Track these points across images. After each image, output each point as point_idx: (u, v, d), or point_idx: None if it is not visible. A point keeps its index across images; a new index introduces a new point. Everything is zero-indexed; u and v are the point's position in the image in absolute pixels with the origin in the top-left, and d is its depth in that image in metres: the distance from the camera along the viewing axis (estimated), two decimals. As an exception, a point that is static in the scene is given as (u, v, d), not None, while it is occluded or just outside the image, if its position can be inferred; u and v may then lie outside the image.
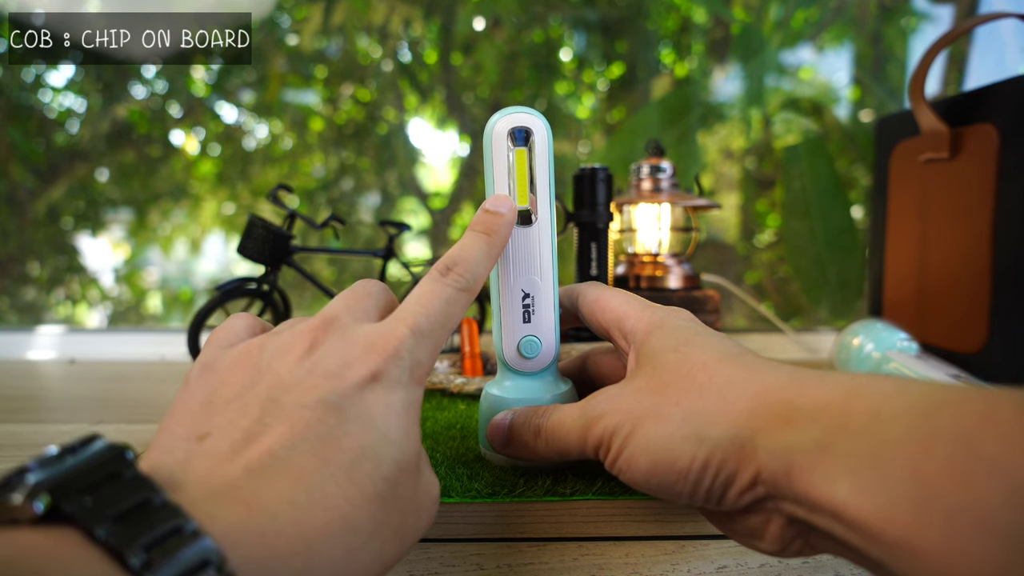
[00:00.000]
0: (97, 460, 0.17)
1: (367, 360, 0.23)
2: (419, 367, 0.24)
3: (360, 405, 0.22)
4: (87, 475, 0.17)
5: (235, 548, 0.17)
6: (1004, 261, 0.53)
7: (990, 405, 0.17)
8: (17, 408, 0.54)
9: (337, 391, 0.22)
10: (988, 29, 1.03)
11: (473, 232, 0.29)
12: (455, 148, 1.26)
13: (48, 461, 0.17)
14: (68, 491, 0.16)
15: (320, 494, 0.19)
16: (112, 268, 1.36)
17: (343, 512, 0.20)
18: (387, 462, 0.21)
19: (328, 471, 0.20)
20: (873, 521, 0.18)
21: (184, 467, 0.20)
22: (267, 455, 0.20)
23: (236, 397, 0.22)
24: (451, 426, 0.41)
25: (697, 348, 0.26)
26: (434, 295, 0.26)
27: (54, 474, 0.17)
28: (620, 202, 0.64)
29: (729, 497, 0.23)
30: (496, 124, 0.31)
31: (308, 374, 0.22)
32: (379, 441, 0.22)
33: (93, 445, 0.18)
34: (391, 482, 0.21)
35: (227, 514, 0.18)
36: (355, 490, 0.20)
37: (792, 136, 1.15)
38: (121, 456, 0.18)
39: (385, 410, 0.22)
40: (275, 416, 0.21)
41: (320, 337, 0.24)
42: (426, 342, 0.24)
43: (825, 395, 0.21)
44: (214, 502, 0.18)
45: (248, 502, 0.18)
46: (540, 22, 1.19)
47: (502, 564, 0.30)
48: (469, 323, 0.56)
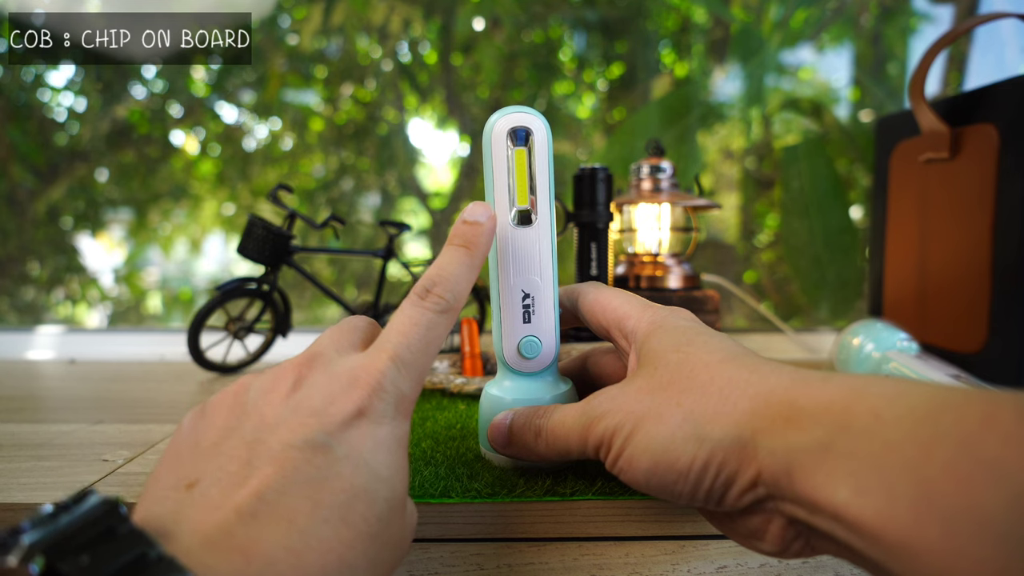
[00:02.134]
0: (91, 517, 0.17)
1: (351, 395, 0.23)
2: (404, 400, 0.24)
3: (348, 443, 0.22)
4: (82, 533, 0.17)
5: None
6: (1004, 261, 0.53)
7: (991, 408, 0.17)
8: (17, 408, 0.54)
9: (323, 429, 0.22)
10: (988, 29, 1.03)
11: (452, 247, 0.28)
12: (455, 148, 1.26)
13: (42, 520, 0.17)
14: (64, 551, 0.16)
15: (315, 538, 0.19)
16: (112, 268, 1.36)
17: (339, 554, 0.20)
18: (380, 501, 0.21)
19: (321, 514, 0.20)
20: (873, 522, 0.18)
21: (176, 516, 0.20)
22: (256, 499, 0.20)
23: (222, 440, 0.22)
24: (451, 426, 0.41)
25: (699, 348, 0.26)
26: (413, 322, 0.25)
27: (49, 533, 0.16)
28: (620, 202, 0.64)
29: (730, 497, 0.23)
30: (496, 124, 0.31)
31: (293, 413, 0.22)
32: (371, 480, 0.22)
33: (86, 502, 0.18)
34: (384, 521, 0.21)
35: (224, 564, 0.18)
36: (349, 531, 0.20)
37: (792, 136, 1.15)
38: (115, 511, 0.18)
39: (374, 446, 0.22)
40: (262, 458, 0.21)
41: (304, 373, 0.24)
42: (409, 371, 0.24)
43: (827, 396, 0.21)
44: (210, 551, 0.18)
45: (244, 550, 0.18)
46: (540, 22, 1.19)
47: (502, 564, 0.30)
48: (469, 323, 0.56)
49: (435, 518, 0.31)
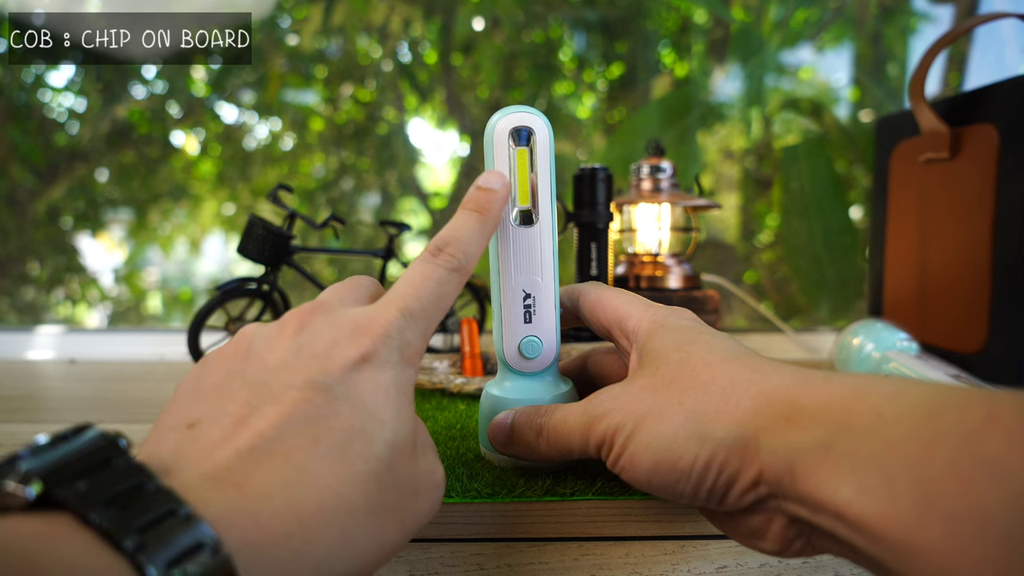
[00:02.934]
0: (89, 448, 0.17)
1: (355, 341, 0.22)
2: (409, 347, 0.24)
3: (349, 385, 0.22)
4: (79, 462, 0.17)
5: (230, 531, 0.17)
6: (1004, 261, 0.53)
7: (994, 408, 0.17)
8: (17, 408, 0.54)
9: (325, 371, 0.21)
10: (988, 29, 1.03)
11: (465, 211, 0.28)
12: (455, 148, 1.26)
13: (40, 449, 0.17)
14: (60, 477, 0.16)
15: (312, 474, 0.19)
16: (112, 268, 1.36)
17: (336, 492, 0.19)
18: (379, 442, 0.21)
19: (319, 451, 0.20)
20: (875, 521, 0.18)
21: (175, 455, 0.20)
22: (258, 438, 0.20)
23: (224, 384, 0.22)
24: (451, 426, 0.41)
25: (701, 347, 0.26)
26: (425, 276, 0.25)
27: (46, 461, 0.16)
28: (620, 202, 0.64)
29: (731, 497, 0.23)
30: (497, 123, 0.31)
31: (295, 356, 0.22)
32: (369, 421, 0.21)
33: (86, 433, 0.18)
34: (385, 462, 0.21)
35: (220, 497, 0.18)
36: (347, 470, 0.20)
37: (792, 136, 1.15)
38: (114, 444, 0.18)
39: (375, 390, 0.22)
40: (263, 399, 0.21)
41: (307, 320, 0.24)
42: (416, 324, 0.24)
43: (829, 396, 0.21)
44: (207, 486, 0.18)
45: (241, 485, 0.18)
46: (540, 22, 1.19)
47: (502, 564, 0.30)
48: (469, 323, 0.56)
49: (435, 518, 0.30)
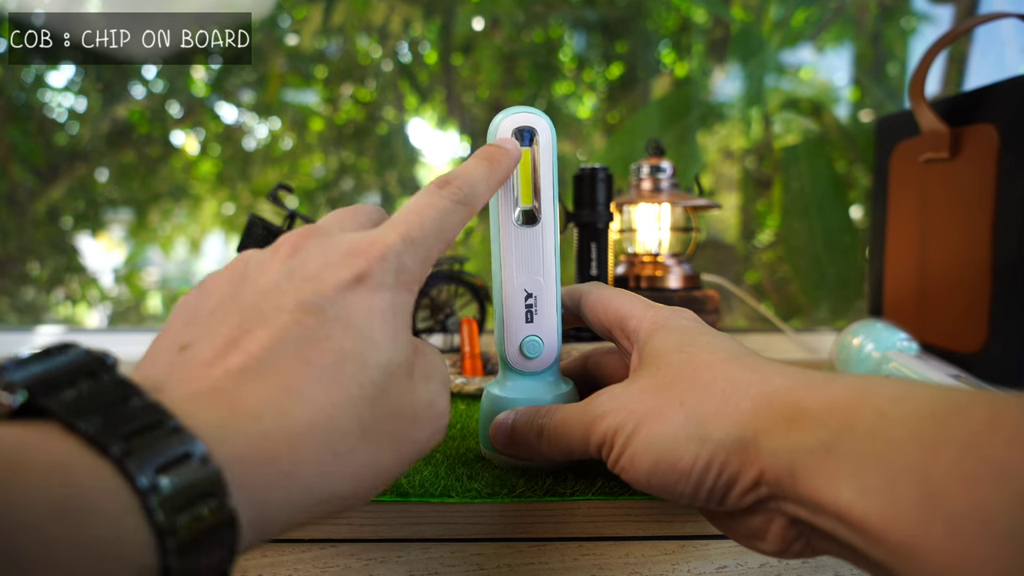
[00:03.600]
0: (76, 362, 0.17)
1: (350, 262, 0.22)
2: (406, 272, 0.23)
3: (342, 307, 0.21)
4: (66, 375, 0.16)
5: (219, 446, 0.16)
6: (1004, 261, 0.53)
7: (998, 410, 0.17)
8: (17, 408, 0.54)
9: (317, 292, 0.21)
10: (988, 29, 1.03)
11: (475, 158, 0.28)
12: (455, 148, 1.26)
13: (25, 361, 0.17)
14: (46, 387, 0.16)
15: (303, 396, 0.19)
16: (112, 268, 1.36)
17: (327, 413, 0.19)
18: (372, 366, 0.21)
19: (310, 372, 0.19)
20: (877, 523, 0.18)
21: (166, 376, 0.19)
22: (248, 359, 0.19)
23: (218, 307, 0.22)
24: (451, 426, 0.41)
25: (702, 348, 0.26)
26: (429, 204, 0.25)
27: (31, 372, 0.16)
28: (620, 202, 0.64)
29: (731, 498, 0.23)
30: (500, 124, 0.31)
31: (287, 279, 0.22)
32: (363, 344, 0.21)
33: (72, 350, 0.17)
34: (378, 386, 0.21)
35: (210, 415, 0.17)
36: (339, 391, 0.20)
37: (792, 136, 1.15)
38: (100, 360, 0.17)
39: (369, 312, 0.21)
40: (255, 322, 0.21)
41: (302, 243, 0.23)
42: (416, 250, 0.23)
43: (831, 397, 0.21)
44: (196, 403, 0.18)
45: (231, 404, 0.18)
46: (540, 22, 1.19)
47: (502, 564, 0.30)
48: (469, 323, 0.56)
49: (435, 518, 0.31)
